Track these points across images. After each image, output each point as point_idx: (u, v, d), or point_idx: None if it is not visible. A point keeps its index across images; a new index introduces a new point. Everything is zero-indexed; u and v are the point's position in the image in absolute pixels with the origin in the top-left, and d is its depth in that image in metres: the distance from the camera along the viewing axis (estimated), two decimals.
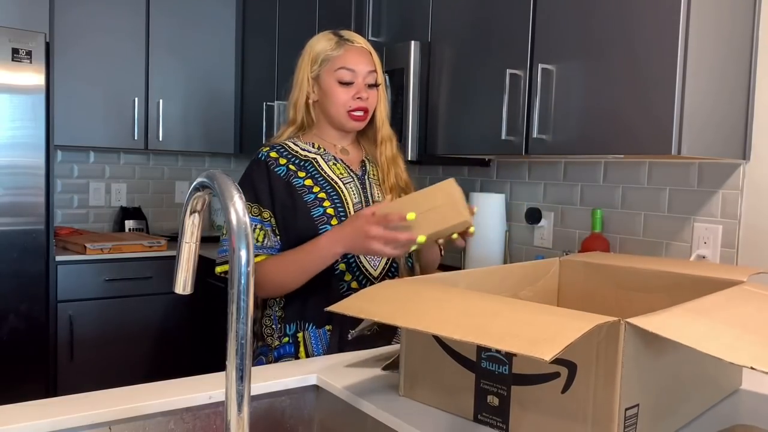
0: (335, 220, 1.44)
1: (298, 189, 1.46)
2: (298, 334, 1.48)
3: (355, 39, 1.52)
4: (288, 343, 1.49)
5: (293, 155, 1.51)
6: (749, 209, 1.83)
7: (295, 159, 1.50)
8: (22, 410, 0.97)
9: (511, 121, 2.02)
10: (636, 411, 0.85)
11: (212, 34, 3.59)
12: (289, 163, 1.49)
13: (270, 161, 1.49)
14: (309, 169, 1.49)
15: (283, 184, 1.46)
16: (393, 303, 0.95)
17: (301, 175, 1.48)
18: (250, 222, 1.51)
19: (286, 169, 1.48)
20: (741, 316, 0.90)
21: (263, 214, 1.46)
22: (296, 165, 1.49)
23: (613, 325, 0.82)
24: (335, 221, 1.43)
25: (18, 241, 2.74)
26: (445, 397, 1.02)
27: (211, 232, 3.76)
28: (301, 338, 1.48)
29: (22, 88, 2.72)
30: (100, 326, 3.07)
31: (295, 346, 1.48)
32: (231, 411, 0.69)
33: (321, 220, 1.44)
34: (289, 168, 1.48)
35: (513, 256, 2.49)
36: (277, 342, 1.50)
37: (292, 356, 1.48)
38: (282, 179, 1.47)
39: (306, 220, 1.44)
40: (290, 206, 1.45)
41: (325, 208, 1.45)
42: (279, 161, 1.49)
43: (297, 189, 1.46)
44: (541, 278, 1.37)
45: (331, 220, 1.44)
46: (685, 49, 1.59)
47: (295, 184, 1.47)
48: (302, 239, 1.42)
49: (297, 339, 1.48)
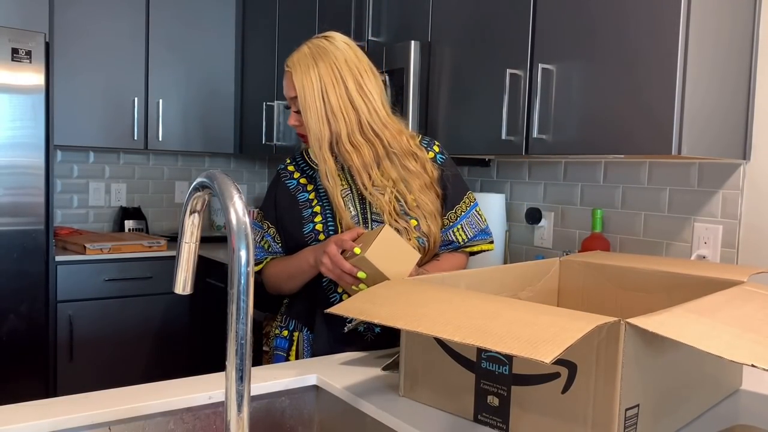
0: (323, 235, 1.46)
1: (300, 204, 1.50)
2: (294, 333, 1.53)
3: (286, 62, 1.45)
4: (285, 337, 1.54)
5: (307, 165, 1.55)
6: (749, 209, 1.83)
7: (308, 170, 1.54)
8: (22, 410, 0.97)
9: (511, 121, 2.01)
10: (636, 411, 0.85)
11: (212, 34, 3.59)
12: (302, 176, 1.54)
13: (284, 174, 1.55)
14: (315, 180, 1.52)
15: (289, 197, 1.52)
16: (393, 304, 0.95)
17: (308, 189, 1.52)
18: (255, 228, 1.55)
19: (296, 183, 1.53)
20: (741, 316, 0.90)
21: (263, 224, 1.54)
22: (307, 177, 1.53)
23: (613, 326, 0.82)
24: (322, 237, 1.46)
25: (18, 241, 2.74)
26: (445, 397, 1.02)
27: (211, 232, 3.76)
28: (296, 338, 1.52)
29: (21, 88, 2.72)
30: (100, 326, 3.07)
31: (289, 343, 1.53)
32: (231, 411, 0.69)
33: (309, 237, 1.47)
34: (300, 182, 1.53)
35: (513, 256, 2.49)
36: (277, 331, 1.56)
37: (284, 351, 1.53)
38: (290, 192, 1.52)
39: (298, 234, 1.48)
40: (290, 219, 1.50)
41: (315, 224, 1.47)
42: (293, 175, 1.54)
43: (299, 203, 1.50)
44: (541, 278, 1.37)
45: (318, 236, 1.46)
46: (685, 49, 1.59)
47: (299, 198, 1.51)
48: (295, 248, 1.50)
49: (293, 337, 1.53)
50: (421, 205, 1.46)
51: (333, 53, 1.40)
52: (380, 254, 1.25)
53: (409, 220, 1.45)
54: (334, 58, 1.40)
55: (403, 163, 1.45)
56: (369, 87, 1.42)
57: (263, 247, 1.54)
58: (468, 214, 1.54)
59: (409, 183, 1.45)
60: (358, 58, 1.43)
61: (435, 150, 1.53)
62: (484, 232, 1.57)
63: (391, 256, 1.26)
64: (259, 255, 1.54)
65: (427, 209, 1.46)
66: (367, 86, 1.42)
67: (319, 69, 1.39)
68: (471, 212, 1.55)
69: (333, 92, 1.39)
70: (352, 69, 1.41)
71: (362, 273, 1.27)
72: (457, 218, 1.52)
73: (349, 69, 1.40)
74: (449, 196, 1.51)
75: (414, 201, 1.45)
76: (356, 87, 1.41)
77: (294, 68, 1.42)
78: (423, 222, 1.46)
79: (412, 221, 1.46)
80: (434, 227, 1.48)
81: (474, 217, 1.55)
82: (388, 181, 1.45)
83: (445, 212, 1.51)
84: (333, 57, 1.40)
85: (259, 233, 1.54)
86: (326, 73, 1.39)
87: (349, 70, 1.40)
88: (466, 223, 1.53)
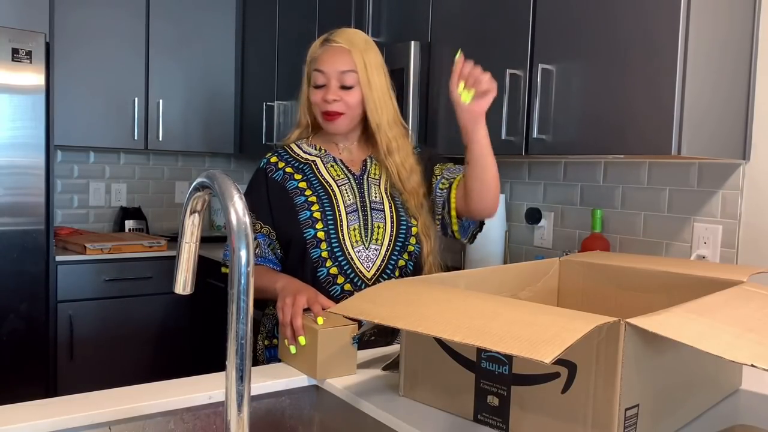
0: (320, 224, 1.44)
1: (290, 191, 1.48)
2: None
3: (336, 39, 1.47)
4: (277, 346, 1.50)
5: (293, 158, 1.54)
6: (749, 209, 1.83)
7: (294, 162, 1.53)
8: (22, 410, 0.97)
9: (511, 121, 2.02)
10: (636, 411, 0.85)
11: (212, 34, 3.59)
12: (287, 166, 1.52)
13: (269, 168, 1.53)
14: (306, 171, 1.51)
15: (279, 188, 1.50)
16: (393, 304, 0.95)
17: (297, 178, 1.50)
18: None
19: (282, 173, 1.51)
20: (741, 316, 0.90)
21: (255, 226, 1.48)
22: (294, 168, 1.52)
23: (613, 326, 0.82)
24: (320, 224, 1.44)
25: (18, 241, 2.74)
26: (445, 397, 1.02)
27: (211, 232, 3.76)
28: None
29: (22, 88, 2.72)
30: (100, 326, 3.07)
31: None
32: (231, 411, 0.69)
33: (306, 224, 1.44)
34: (286, 171, 1.51)
35: (513, 256, 2.49)
36: (267, 342, 1.53)
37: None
38: (279, 183, 1.50)
39: (293, 222, 1.45)
40: (282, 208, 1.48)
41: (312, 212, 1.45)
42: (278, 165, 1.52)
43: (290, 191, 1.48)
44: (541, 278, 1.37)
45: (316, 223, 1.44)
46: (684, 49, 1.59)
47: (289, 187, 1.49)
48: (290, 241, 1.46)
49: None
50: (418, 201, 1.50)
51: (375, 45, 1.50)
52: (330, 340, 1.18)
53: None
54: (378, 49, 1.50)
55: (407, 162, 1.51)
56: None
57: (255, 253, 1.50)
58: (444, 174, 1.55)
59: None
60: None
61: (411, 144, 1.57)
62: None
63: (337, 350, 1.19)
64: None
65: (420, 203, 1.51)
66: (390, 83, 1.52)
67: (375, 52, 1.48)
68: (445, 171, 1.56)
69: (387, 77, 1.49)
70: (384, 65, 1.50)
71: (303, 339, 1.20)
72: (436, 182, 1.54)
73: (384, 64, 1.50)
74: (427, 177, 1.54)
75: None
76: (388, 81, 1.50)
77: (351, 45, 1.46)
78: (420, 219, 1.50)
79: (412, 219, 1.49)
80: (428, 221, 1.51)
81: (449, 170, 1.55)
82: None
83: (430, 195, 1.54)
84: (377, 48, 1.50)
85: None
86: (379, 58, 1.48)
87: (384, 65, 1.50)
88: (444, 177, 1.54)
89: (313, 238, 1.43)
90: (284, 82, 3.28)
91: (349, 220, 1.45)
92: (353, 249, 1.44)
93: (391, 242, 1.46)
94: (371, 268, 1.46)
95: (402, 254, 1.47)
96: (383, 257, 1.46)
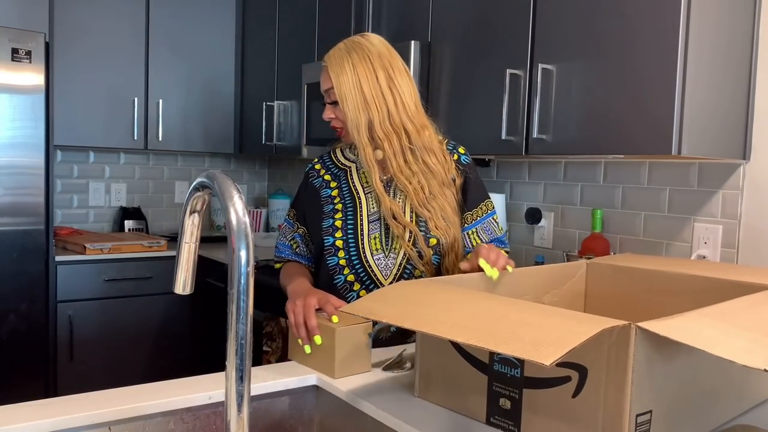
0: (340, 232, 1.49)
1: (323, 199, 1.55)
2: None
3: (324, 57, 1.51)
4: None
5: (334, 164, 1.60)
6: (749, 209, 1.83)
7: (334, 169, 1.59)
8: (22, 410, 0.97)
9: (511, 121, 2.01)
10: (648, 417, 0.83)
11: (212, 34, 3.59)
12: (327, 173, 1.59)
13: (311, 174, 1.61)
14: (341, 179, 1.56)
15: (315, 194, 1.56)
16: (402, 304, 0.95)
17: (332, 186, 1.56)
18: (287, 225, 1.60)
19: (321, 180, 1.59)
20: (761, 320, 0.87)
21: (295, 224, 1.60)
22: (332, 175, 1.58)
23: (623, 329, 0.80)
24: (340, 233, 1.49)
25: (18, 241, 2.74)
26: (459, 398, 1.02)
27: (211, 232, 3.76)
28: None
29: (21, 88, 2.72)
30: (100, 326, 3.07)
31: None
32: (231, 411, 0.69)
33: (327, 231, 1.50)
34: (324, 179, 1.58)
35: (513, 256, 2.47)
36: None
37: None
38: (316, 190, 1.57)
39: (317, 228, 1.52)
40: (312, 214, 1.55)
41: (334, 220, 1.50)
42: (319, 172, 1.60)
43: (322, 199, 1.55)
44: (567, 282, 1.35)
45: (336, 232, 1.49)
46: (685, 49, 1.59)
47: (323, 195, 1.55)
48: (317, 245, 1.54)
49: None
50: (437, 201, 1.48)
51: (366, 47, 1.47)
52: (347, 339, 1.20)
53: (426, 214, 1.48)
54: (368, 51, 1.47)
55: (423, 158, 1.47)
56: (399, 81, 1.47)
57: (291, 246, 1.60)
58: (483, 220, 1.54)
59: (428, 178, 1.48)
60: (391, 54, 1.49)
61: (460, 152, 1.56)
62: (499, 240, 1.57)
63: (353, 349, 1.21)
64: (285, 253, 1.60)
65: (441, 206, 1.48)
66: (397, 80, 1.47)
67: (353, 60, 1.45)
68: (487, 219, 1.55)
69: (366, 82, 1.44)
70: (383, 62, 1.47)
71: (319, 338, 1.22)
72: (473, 222, 1.53)
73: (381, 62, 1.46)
74: (468, 200, 1.53)
75: (431, 194, 1.48)
76: (387, 80, 1.46)
77: (330, 62, 1.47)
78: (433, 220, 1.47)
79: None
80: (452, 227, 1.49)
81: (490, 224, 1.56)
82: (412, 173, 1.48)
83: (462, 213, 1.52)
84: (366, 50, 1.47)
85: (290, 231, 1.61)
86: (359, 64, 1.45)
87: (381, 64, 1.46)
88: (481, 229, 1.54)
89: (332, 245, 1.49)
90: (284, 82, 3.28)
91: (371, 229, 1.48)
92: (373, 257, 1.47)
93: (409, 252, 1.47)
94: (389, 276, 1.48)
95: (420, 264, 1.48)
96: (399, 265, 1.48)
